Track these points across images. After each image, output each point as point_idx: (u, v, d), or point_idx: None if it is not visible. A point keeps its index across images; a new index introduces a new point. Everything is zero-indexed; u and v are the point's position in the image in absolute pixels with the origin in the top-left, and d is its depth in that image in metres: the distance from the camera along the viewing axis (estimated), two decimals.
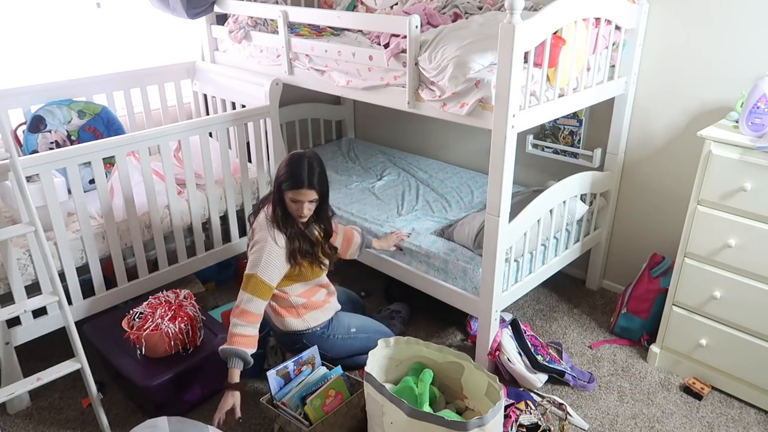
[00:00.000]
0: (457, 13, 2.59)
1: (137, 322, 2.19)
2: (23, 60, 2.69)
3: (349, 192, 3.07)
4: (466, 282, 2.35)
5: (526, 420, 2.04)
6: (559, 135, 2.86)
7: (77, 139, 2.60)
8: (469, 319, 2.61)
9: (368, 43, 2.50)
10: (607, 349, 2.57)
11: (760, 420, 2.18)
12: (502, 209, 2.07)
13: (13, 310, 1.99)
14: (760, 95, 1.98)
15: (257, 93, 2.80)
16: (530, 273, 2.46)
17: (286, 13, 2.61)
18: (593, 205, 2.71)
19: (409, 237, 2.55)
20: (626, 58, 2.48)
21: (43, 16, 2.70)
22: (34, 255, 2.15)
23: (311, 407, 1.96)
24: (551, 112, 2.15)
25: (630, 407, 2.24)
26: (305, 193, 2.08)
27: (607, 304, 2.87)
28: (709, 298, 2.20)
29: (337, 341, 2.33)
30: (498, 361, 2.33)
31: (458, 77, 1.98)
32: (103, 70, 2.87)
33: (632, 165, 2.71)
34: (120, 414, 2.22)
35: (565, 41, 2.02)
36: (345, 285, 2.68)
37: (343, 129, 3.94)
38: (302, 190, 2.07)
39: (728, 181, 2.04)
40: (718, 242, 2.12)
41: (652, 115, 2.58)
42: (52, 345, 2.47)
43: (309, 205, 2.12)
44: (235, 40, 2.94)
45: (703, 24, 2.33)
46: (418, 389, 1.90)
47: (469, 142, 3.33)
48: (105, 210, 2.32)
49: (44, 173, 2.12)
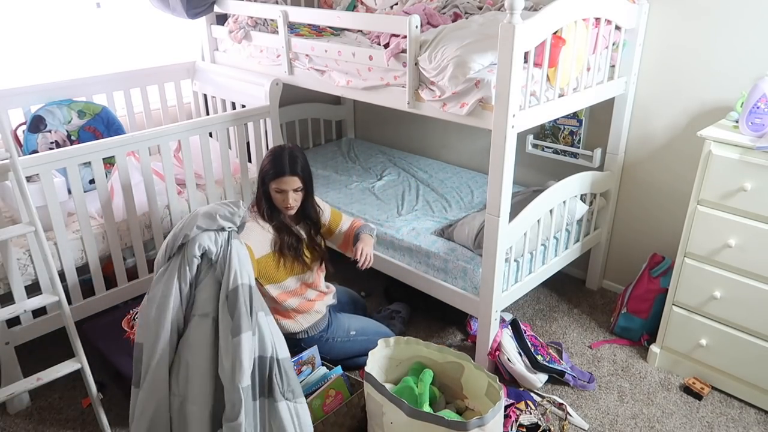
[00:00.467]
0: (457, 13, 2.59)
1: (137, 322, 2.18)
2: (23, 60, 2.69)
3: (349, 192, 3.07)
4: (466, 282, 2.35)
5: (526, 420, 2.04)
6: (559, 135, 2.86)
7: (77, 139, 2.60)
8: (469, 319, 2.61)
9: (368, 43, 2.50)
10: (607, 349, 2.57)
11: (760, 420, 2.18)
12: (502, 209, 2.07)
13: (13, 310, 1.99)
14: (760, 95, 1.98)
15: (257, 93, 2.80)
16: (530, 273, 2.46)
17: (286, 13, 2.61)
18: (593, 205, 2.71)
19: (360, 266, 2.26)
20: (626, 58, 2.48)
21: (43, 16, 2.70)
22: (34, 255, 2.15)
23: (311, 407, 1.96)
24: (551, 112, 2.15)
25: (630, 407, 2.24)
26: (288, 180, 2.11)
27: (607, 304, 2.87)
28: (709, 298, 2.20)
29: (337, 344, 2.33)
30: (498, 361, 2.33)
31: (458, 77, 1.98)
32: (103, 70, 2.87)
33: (632, 165, 2.71)
34: (120, 414, 2.22)
35: (565, 41, 2.02)
36: (345, 285, 2.68)
37: (343, 129, 3.94)
38: (285, 177, 2.10)
39: (728, 181, 2.04)
40: (718, 242, 2.12)
41: (652, 115, 2.58)
42: (52, 345, 2.47)
43: (294, 195, 2.14)
44: (235, 40, 2.94)
45: (703, 24, 2.33)
46: (418, 389, 1.90)
47: (469, 142, 3.33)
48: (105, 210, 2.32)
49: (44, 173, 2.12)
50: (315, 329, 2.29)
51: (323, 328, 2.31)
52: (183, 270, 1.82)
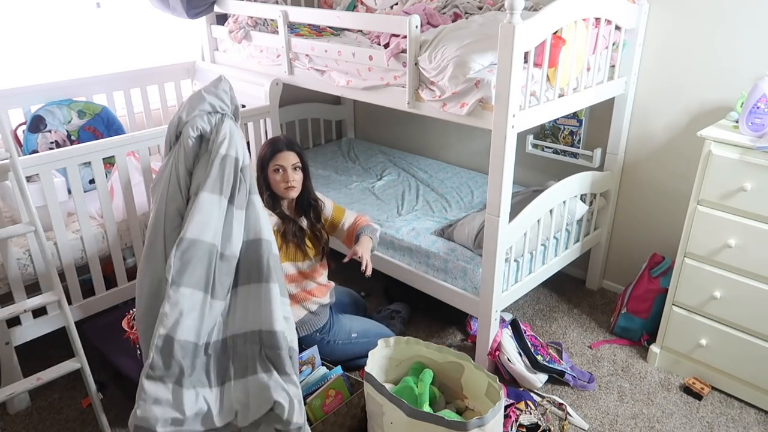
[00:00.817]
0: (457, 13, 2.59)
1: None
2: (23, 60, 2.69)
3: (349, 192, 3.07)
4: (466, 282, 2.35)
5: (526, 420, 2.04)
6: (559, 135, 2.86)
7: (77, 139, 2.60)
8: (469, 319, 2.61)
9: (368, 43, 2.50)
10: (607, 349, 2.57)
11: (760, 420, 2.18)
12: (502, 209, 2.07)
13: (13, 310, 1.99)
14: (760, 95, 1.98)
15: (257, 93, 2.80)
16: (530, 273, 2.46)
17: (286, 13, 2.61)
18: (593, 205, 2.71)
19: (363, 270, 2.20)
20: (626, 58, 2.48)
21: (43, 16, 2.70)
22: (34, 255, 2.15)
23: (311, 407, 1.96)
24: (551, 112, 2.15)
25: (630, 407, 2.24)
26: (286, 155, 2.17)
27: (607, 304, 2.87)
28: (709, 298, 2.20)
29: (338, 346, 2.32)
30: (498, 361, 2.33)
31: (458, 77, 1.98)
32: (103, 70, 2.87)
33: (632, 165, 2.71)
34: (120, 414, 2.22)
35: (565, 41, 2.02)
36: (345, 285, 2.68)
37: (343, 129, 3.94)
38: (282, 153, 2.17)
39: (728, 181, 2.04)
40: (718, 242, 2.12)
41: (652, 114, 2.58)
42: (52, 345, 2.47)
43: (294, 174, 2.18)
44: (235, 40, 2.94)
45: (703, 24, 2.33)
46: (418, 389, 1.90)
47: (469, 142, 3.33)
48: (105, 210, 2.32)
49: (44, 173, 2.12)
50: (311, 327, 2.28)
51: (322, 328, 2.30)
52: (179, 155, 1.87)
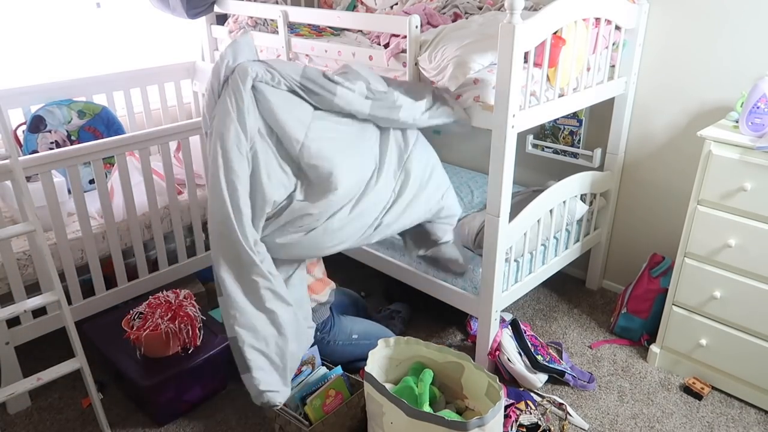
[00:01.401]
0: (457, 13, 2.59)
1: (137, 322, 2.19)
2: (23, 60, 2.69)
3: None
4: (466, 282, 2.35)
5: (526, 420, 2.04)
6: (559, 135, 2.86)
7: (77, 139, 2.60)
8: (469, 319, 2.61)
9: (368, 43, 2.50)
10: (607, 349, 2.57)
11: (760, 420, 2.18)
12: (502, 209, 2.07)
13: (13, 310, 1.99)
14: (760, 95, 1.98)
15: None
16: (530, 273, 2.46)
17: (286, 13, 2.61)
18: (593, 205, 2.71)
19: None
20: (626, 58, 2.48)
21: (43, 16, 2.70)
22: (34, 255, 2.15)
23: (311, 407, 1.96)
24: (551, 112, 2.15)
25: (630, 407, 2.24)
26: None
27: (607, 304, 2.87)
28: (709, 298, 2.20)
29: (338, 347, 2.32)
30: (498, 361, 2.33)
31: (458, 77, 1.98)
32: (103, 70, 2.87)
33: (632, 165, 2.71)
34: (120, 414, 2.22)
35: (565, 41, 2.02)
36: (345, 285, 2.68)
37: None
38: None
39: (728, 181, 2.04)
40: (718, 242, 2.12)
41: (652, 114, 2.58)
42: (52, 345, 2.47)
43: None
44: None
45: (703, 24, 2.33)
46: (418, 389, 1.90)
47: (469, 142, 3.33)
48: (105, 210, 2.32)
49: (44, 173, 2.12)
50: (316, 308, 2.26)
51: (323, 327, 2.30)
52: (233, 100, 1.79)
